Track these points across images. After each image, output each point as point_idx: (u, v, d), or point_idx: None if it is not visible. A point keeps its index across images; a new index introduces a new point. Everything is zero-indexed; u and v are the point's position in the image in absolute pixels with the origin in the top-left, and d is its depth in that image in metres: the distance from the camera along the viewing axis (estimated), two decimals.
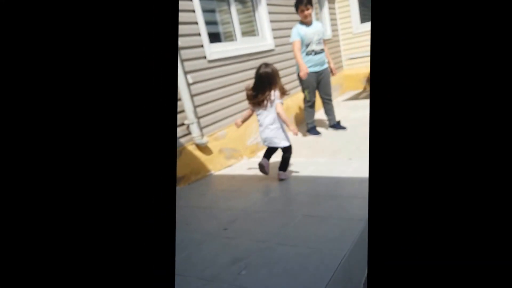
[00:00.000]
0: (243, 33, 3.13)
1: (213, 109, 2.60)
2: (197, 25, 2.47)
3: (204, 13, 2.64)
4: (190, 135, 2.39)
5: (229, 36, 3.00)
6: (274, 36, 3.45)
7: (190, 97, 2.35)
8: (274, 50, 3.44)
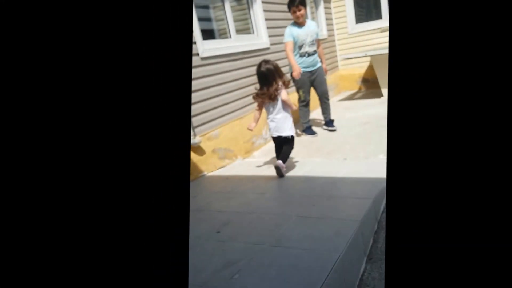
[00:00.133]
0: (238, 30, 3.08)
1: (206, 108, 2.54)
2: None
3: (197, 8, 2.58)
4: None
5: (223, 33, 2.95)
6: (269, 34, 3.40)
7: None
8: (269, 49, 3.39)
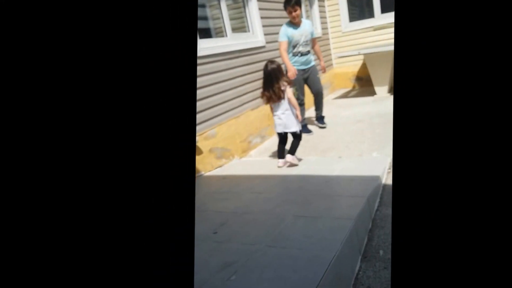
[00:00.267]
0: (234, 29, 3.05)
1: (202, 107, 2.52)
2: None
3: None
4: None
5: (220, 32, 2.93)
6: (265, 32, 3.38)
7: None
8: (265, 47, 3.38)
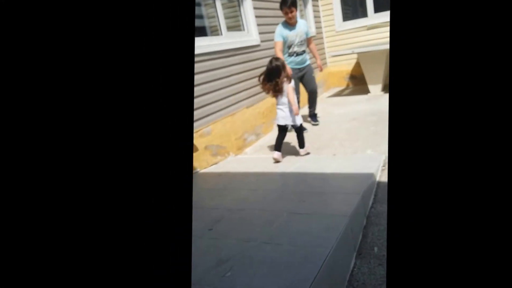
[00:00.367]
0: (229, 27, 3.04)
1: (198, 104, 2.51)
2: None
3: None
4: None
5: (215, 31, 2.91)
6: (259, 31, 3.37)
7: None
8: (259, 46, 3.37)
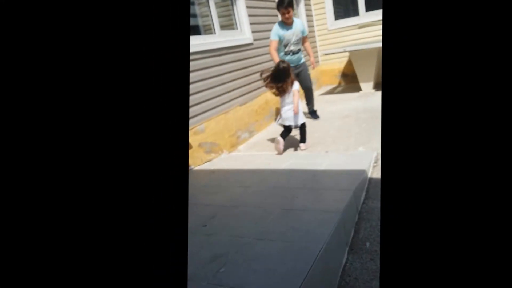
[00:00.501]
0: (222, 26, 3.02)
1: (191, 102, 2.49)
2: None
3: None
4: None
5: (208, 29, 2.89)
6: (252, 30, 3.36)
7: None
8: (252, 44, 3.36)
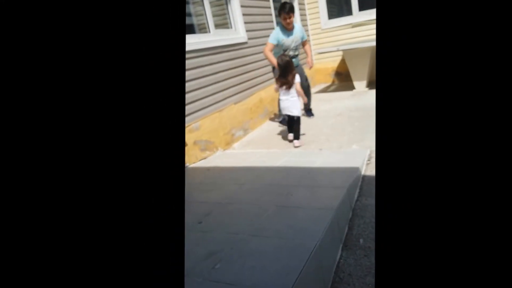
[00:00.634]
0: (216, 25, 3.00)
1: (187, 100, 2.48)
2: None
3: None
4: None
5: (203, 28, 2.87)
6: (246, 29, 3.35)
7: None
8: (246, 43, 3.34)
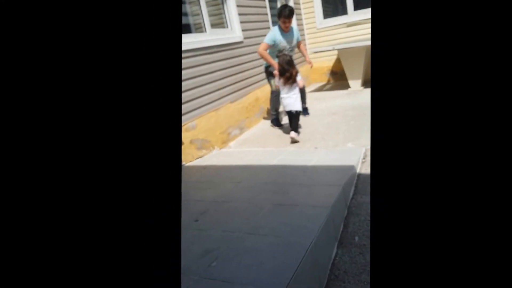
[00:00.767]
0: (213, 25, 2.98)
1: (183, 100, 2.46)
2: None
3: None
4: None
5: (199, 28, 2.85)
6: (242, 28, 3.33)
7: None
8: (242, 42, 3.33)
